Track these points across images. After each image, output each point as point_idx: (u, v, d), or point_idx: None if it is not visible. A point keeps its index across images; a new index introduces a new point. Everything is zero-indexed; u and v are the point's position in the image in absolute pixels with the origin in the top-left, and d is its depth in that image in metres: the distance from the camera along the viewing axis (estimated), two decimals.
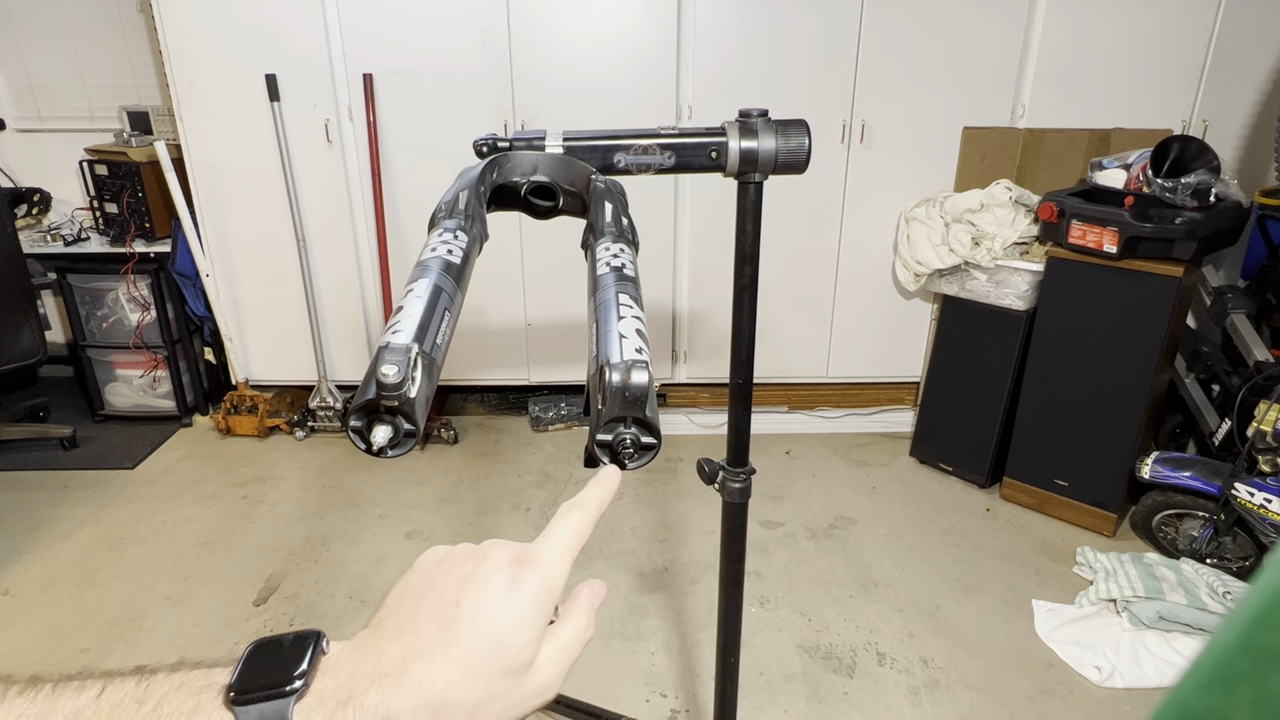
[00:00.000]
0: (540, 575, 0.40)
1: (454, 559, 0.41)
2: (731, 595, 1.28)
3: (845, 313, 3.06)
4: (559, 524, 0.44)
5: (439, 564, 0.41)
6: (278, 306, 3.04)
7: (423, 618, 0.38)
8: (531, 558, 0.41)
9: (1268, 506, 2.08)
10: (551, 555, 0.42)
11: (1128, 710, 1.89)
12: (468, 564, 0.41)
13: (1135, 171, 2.44)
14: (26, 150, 3.32)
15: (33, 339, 2.71)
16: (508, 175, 0.84)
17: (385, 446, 0.50)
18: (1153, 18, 2.67)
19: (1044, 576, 2.36)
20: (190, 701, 0.35)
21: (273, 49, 2.70)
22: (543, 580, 0.40)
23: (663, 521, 2.63)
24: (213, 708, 0.34)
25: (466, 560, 0.41)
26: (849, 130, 2.81)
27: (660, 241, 2.91)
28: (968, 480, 2.85)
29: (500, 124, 2.78)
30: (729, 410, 1.18)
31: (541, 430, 3.26)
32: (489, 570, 0.40)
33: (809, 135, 0.95)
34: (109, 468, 2.94)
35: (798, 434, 3.22)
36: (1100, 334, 2.41)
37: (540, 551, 0.42)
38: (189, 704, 0.35)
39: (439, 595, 0.39)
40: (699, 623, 2.17)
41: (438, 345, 0.55)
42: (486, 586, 0.39)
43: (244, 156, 2.83)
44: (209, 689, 0.35)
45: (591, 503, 0.46)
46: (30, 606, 2.22)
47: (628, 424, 0.54)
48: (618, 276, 0.67)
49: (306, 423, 3.16)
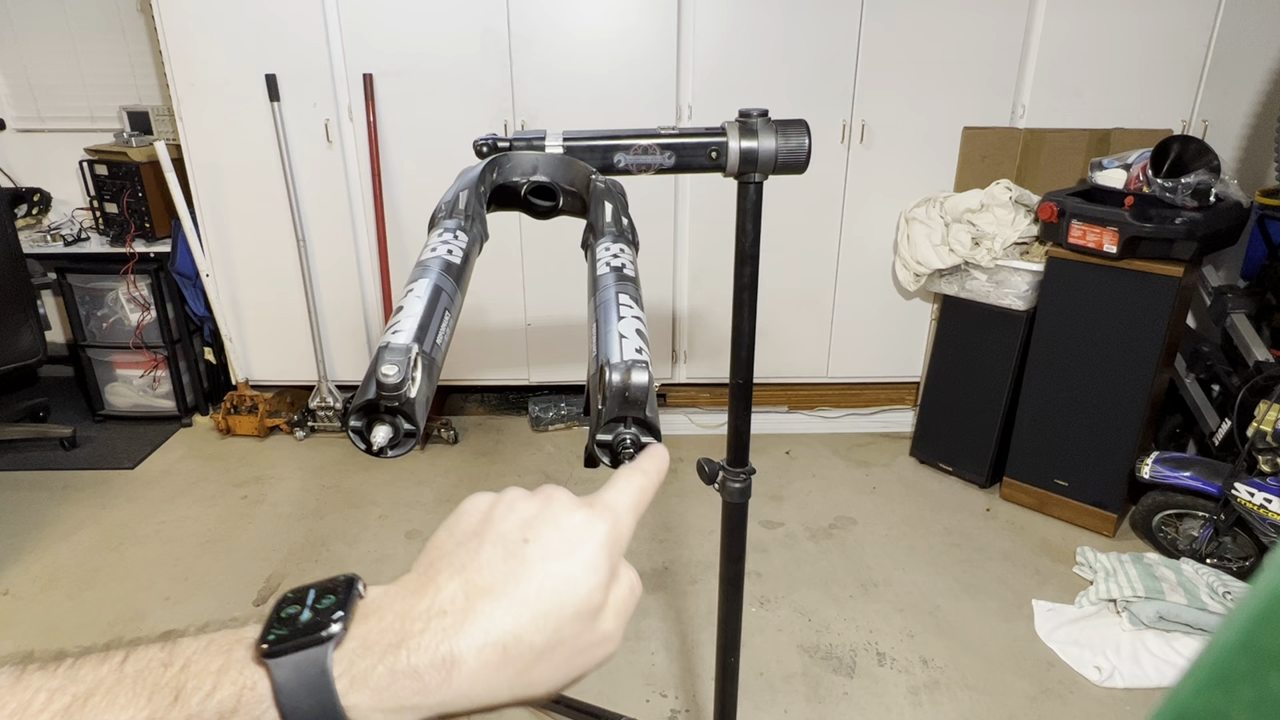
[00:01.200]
0: (612, 521, 0.39)
1: (511, 500, 0.40)
2: (731, 595, 1.28)
3: (845, 313, 3.06)
4: (624, 482, 0.43)
5: (494, 505, 0.39)
6: (278, 306, 3.04)
7: (487, 555, 0.36)
8: (603, 504, 0.40)
9: (1268, 506, 2.08)
10: (622, 506, 0.41)
11: (1128, 710, 1.89)
12: (530, 504, 0.39)
13: (1135, 171, 2.44)
14: (26, 150, 3.32)
15: (33, 339, 2.71)
16: (508, 175, 0.84)
17: (385, 446, 0.50)
18: (1153, 18, 2.67)
19: (1044, 576, 2.36)
20: (219, 660, 0.33)
21: (273, 49, 2.70)
22: (614, 525, 0.39)
23: (663, 521, 2.63)
24: (243, 664, 0.32)
25: (529, 501, 0.39)
26: (849, 130, 2.81)
27: (660, 241, 2.91)
28: (968, 480, 2.85)
29: (500, 124, 2.78)
30: (729, 410, 1.18)
31: (541, 430, 3.26)
32: (557, 510, 0.38)
33: (809, 135, 0.95)
34: (109, 468, 2.94)
35: (798, 434, 3.22)
36: (1100, 334, 2.41)
37: (611, 500, 0.41)
38: (217, 662, 0.33)
39: (503, 533, 0.37)
40: (699, 623, 2.17)
41: (438, 345, 0.55)
42: (556, 526, 0.37)
43: (244, 156, 2.83)
44: (239, 644, 0.33)
45: (652, 471, 0.45)
46: (30, 606, 2.22)
47: (628, 424, 0.54)
48: (618, 276, 0.67)
49: (306, 423, 3.16)
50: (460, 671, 0.33)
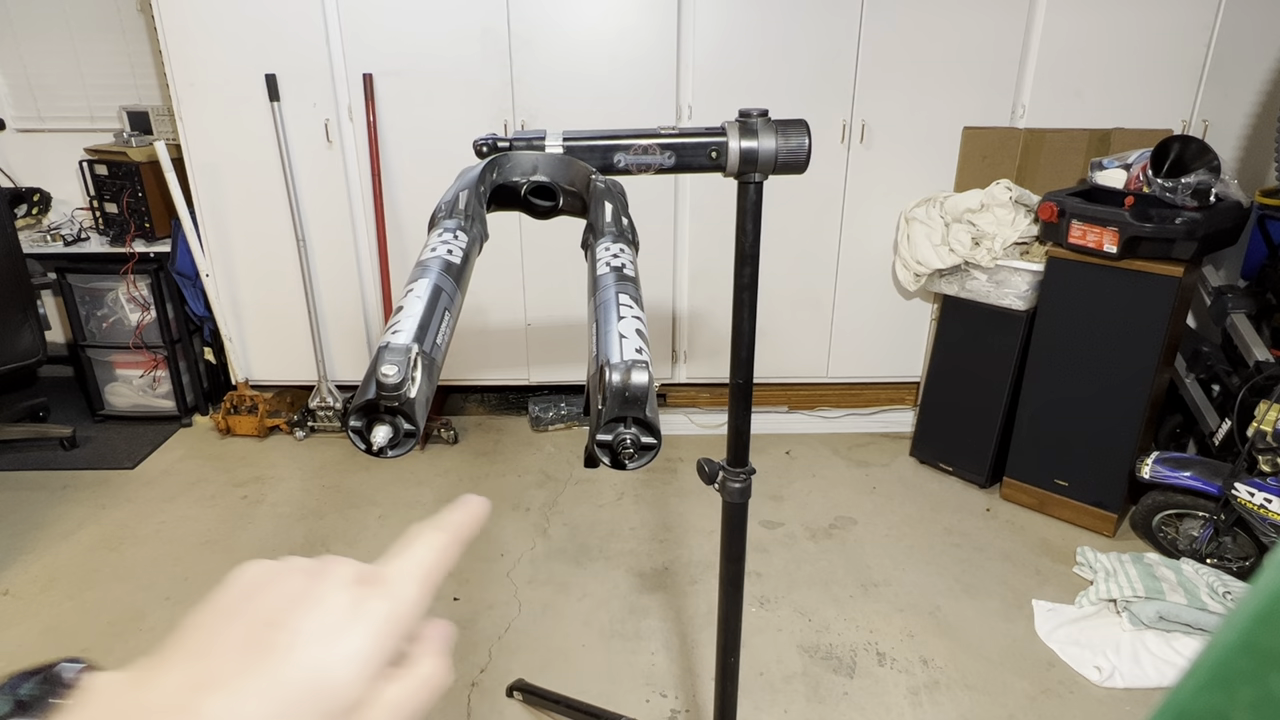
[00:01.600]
0: (391, 602, 0.33)
1: (280, 574, 0.34)
2: (731, 595, 1.28)
3: (845, 313, 3.06)
4: (419, 545, 0.36)
5: (261, 580, 0.34)
6: (278, 306, 3.04)
7: (226, 642, 0.31)
8: (382, 579, 0.34)
9: (1268, 506, 2.08)
10: (406, 578, 0.35)
11: (1128, 710, 1.89)
12: (297, 580, 0.34)
13: (1135, 171, 2.44)
14: (26, 150, 3.32)
15: (33, 339, 2.71)
16: (508, 175, 0.84)
17: (385, 446, 0.50)
18: (1153, 18, 2.67)
19: (1044, 576, 2.36)
20: None
21: (273, 49, 2.70)
22: (392, 608, 0.33)
23: (663, 521, 2.63)
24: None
25: (297, 576, 0.34)
26: (849, 130, 2.81)
27: (660, 241, 2.91)
28: (968, 480, 2.85)
29: (500, 124, 2.78)
30: (729, 410, 1.18)
31: (541, 430, 3.26)
32: (325, 589, 0.33)
33: (809, 135, 0.95)
34: (109, 468, 2.94)
35: (798, 434, 3.22)
36: (1100, 334, 2.41)
37: (394, 574, 0.35)
38: None
39: (253, 615, 0.32)
40: (699, 623, 2.17)
41: (438, 345, 0.55)
42: (318, 608, 0.32)
43: (244, 156, 2.83)
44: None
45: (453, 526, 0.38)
46: (30, 606, 2.22)
47: (628, 424, 0.54)
48: (618, 276, 0.67)
49: (306, 423, 3.16)
50: None
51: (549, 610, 2.22)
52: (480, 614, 2.20)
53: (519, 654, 2.05)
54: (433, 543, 0.37)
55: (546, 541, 2.52)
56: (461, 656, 2.04)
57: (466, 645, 2.08)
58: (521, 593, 2.29)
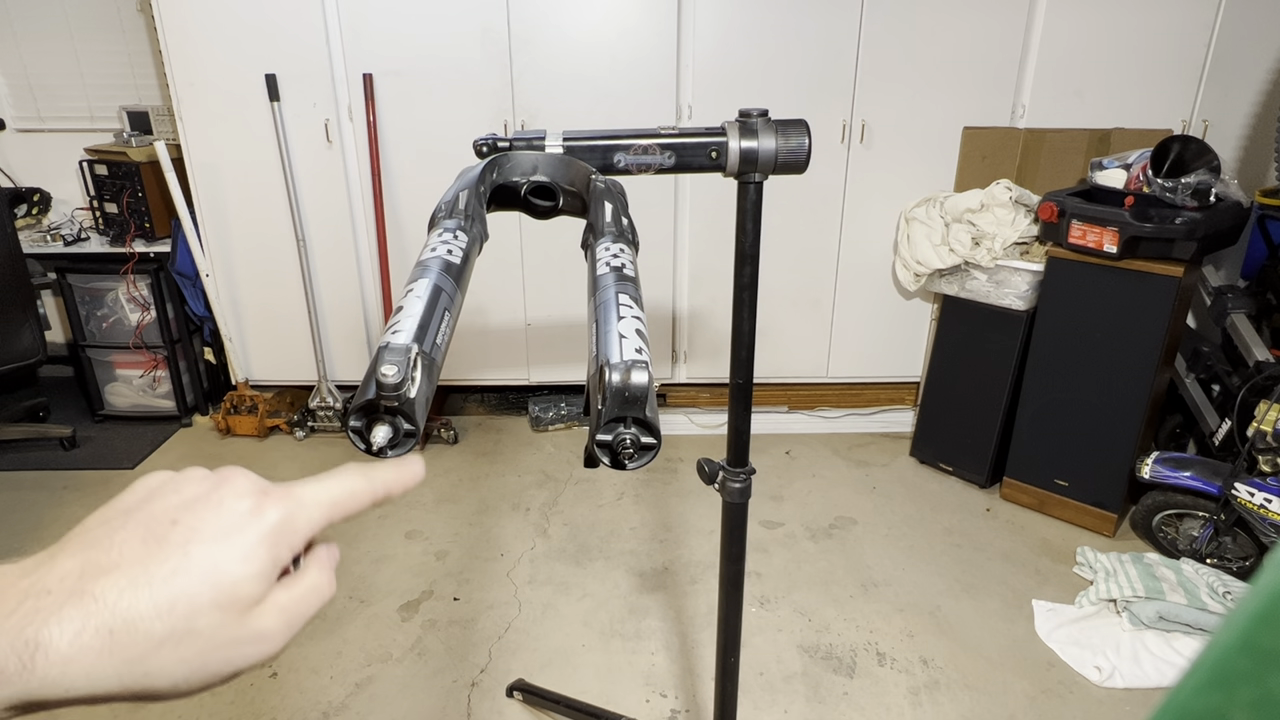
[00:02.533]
0: (286, 511, 0.35)
1: (183, 480, 0.36)
2: (731, 595, 1.28)
3: (845, 313, 3.06)
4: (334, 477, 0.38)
5: (163, 484, 0.36)
6: (278, 306, 3.04)
7: (123, 535, 0.33)
8: (282, 493, 0.36)
9: (1268, 506, 2.08)
10: (308, 498, 0.37)
11: (1128, 710, 1.89)
12: (200, 486, 0.35)
13: (1135, 171, 2.44)
14: (26, 150, 3.32)
15: (32, 339, 2.71)
16: (508, 175, 0.84)
17: (385, 446, 0.50)
18: (1152, 18, 2.67)
19: (1044, 576, 2.36)
20: None
21: (273, 49, 2.70)
22: (287, 518, 0.35)
23: (663, 521, 2.63)
24: None
25: (200, 483, 0.36)
26: (849, 130, 2.81)
27: (660, 241, 2.91)
28: (968, 480, 2.85)
29: (500, 124, 2.78)
30: (729, 410, 1.18)
31: (541, 430, 3.26)
32: (226, 494, 0.35)
33: (809, 135, 0.95)
34: (109, 468, 2.94)
35: (798, 434, 3.22)
36: (1100, 334, 2.41)
37: (297, 491, 0.37)
38: None
39: (152, 513, 0.34)
40: (699, 623, 2.17)
41: (438, 345, 0.55)
42: (218, 509, 0.34)
43: (244, 156, 2.83)
44: None
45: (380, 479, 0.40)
46: None
47: (628, 424, 0.54)
48: (618, 276, 0.67)
49: (306, 423, 3.16)
50: (47, 657, 0.29)
51: (549, 610, 2.22)
52: (480, 614, 2.20)
53: (519, 654, 2.05)
54: (349, 483, 0.39)
55: (546, 541, 2.52)
56: (461, 656, 2.04)
57: (466, 645, 2.08)
58: (521, 593, 2.29)
